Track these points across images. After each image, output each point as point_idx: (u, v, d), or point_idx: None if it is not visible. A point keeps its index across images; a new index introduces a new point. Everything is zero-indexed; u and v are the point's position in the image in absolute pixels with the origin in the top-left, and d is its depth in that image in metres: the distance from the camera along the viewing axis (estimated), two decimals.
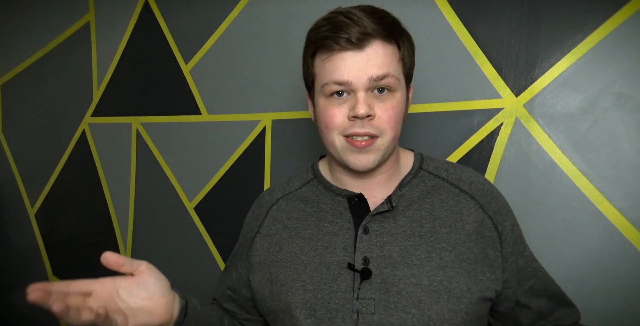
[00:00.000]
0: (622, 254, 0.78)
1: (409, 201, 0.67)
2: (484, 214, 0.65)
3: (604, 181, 0.80)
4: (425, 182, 0.69)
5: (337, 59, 0.61)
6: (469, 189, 0.67)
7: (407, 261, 0.62)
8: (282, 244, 0.70)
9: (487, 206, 0.66)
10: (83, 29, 1.57)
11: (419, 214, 0.65)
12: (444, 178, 0.69)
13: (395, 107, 0.62)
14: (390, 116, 0.62)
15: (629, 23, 0.78)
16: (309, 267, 0.66)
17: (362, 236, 0.64)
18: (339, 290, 0.62)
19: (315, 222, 0.69)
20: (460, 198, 0.67)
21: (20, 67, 1.74)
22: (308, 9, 1.11)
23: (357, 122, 0.61)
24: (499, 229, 0.65)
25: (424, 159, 0.72)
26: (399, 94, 0.63)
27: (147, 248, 1.43)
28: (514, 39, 0.87)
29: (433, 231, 0.64)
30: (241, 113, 1.23)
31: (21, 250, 1.76)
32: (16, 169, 1.76)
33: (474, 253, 0.63)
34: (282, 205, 0.74)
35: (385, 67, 0.60)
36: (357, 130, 0.61)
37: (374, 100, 0.62)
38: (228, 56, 1.25)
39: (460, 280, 0.61)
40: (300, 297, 0.64)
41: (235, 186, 1.24)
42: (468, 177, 0.69)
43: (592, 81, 0.81)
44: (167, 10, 1.36)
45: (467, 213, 0.65)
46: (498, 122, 0.88)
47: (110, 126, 1.50)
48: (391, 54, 0.62)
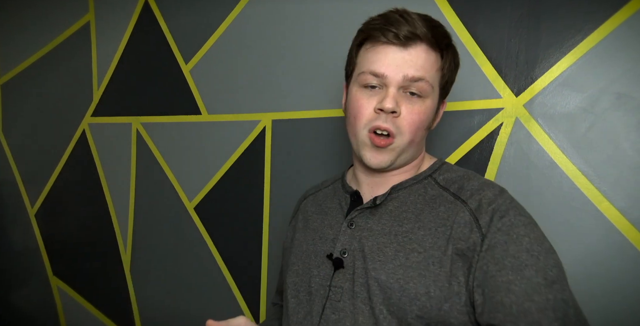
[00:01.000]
0: (622, 254, 0.78)
1: (400, 203, 0.67)
2: (471, 217, 0.61)
3: (604, 181, 0.80)
4: (426, 190, 0.68)
5: (380, 51, 0.63)
6: (466, 197, 0.64)
7: (374, 256, 0.64)
8: (296, 233, 0.79)
9: (478, 210, 0.61)
10: (83, 29, 1.57)
11: (404, 216, 0.66)
12: (447, 188, 0.67)
13: (422, 113, 0.63)
14: (414, 120, 0.63)
15: (629, 23, 0.78)
16: (304, 254, 0.73)
17: (345, 230, 0.69)
18: (318, 276, 0.68)
19: (322, 216, 0.75)
20: (453, 205, 0.64)
21: (20, 67, 1.74)
22: (308, 9, 1.11)
23: (382, 115, 0.63)
24: (482, 231, 0.59)
25: (440, 169, 0.70)
26: (429, 102, 0.64)
27: (147, 248, 1.43)
28: (514, 39, 0.87)
29: (410, 232, 0.64)
30: (241, 113, 1.23)
31: (21, 250, 1.76)
32: (16, 169, 1.76)
33: (452, 259, 0.59)
34: (309, 200, 0.82)
35: (423, 71, 0.62)
36: (380, 123, 0.63)
37: (402, 99, 0.63)
38: (228, 56, 1.25)
39: (420, 282, 0.59)
40: (292, 279, 0.72)
41: (235, 186, 1.24)
42: (472, 186, 0.65)
43: (592, 81, 0.81)
44: (167, 10, 1.36)
45: (455, 220, 0.62)
46: (498, 122, 0.88)
47: (110, 126, 1.50)
48: (432, 61, 0.63)
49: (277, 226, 1.17)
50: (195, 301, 1.33)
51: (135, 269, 1.46)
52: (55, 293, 1.67)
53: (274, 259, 1.18)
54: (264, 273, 1.19)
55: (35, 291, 1.72)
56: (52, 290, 1.68)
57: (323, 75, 1.09)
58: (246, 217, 1.22)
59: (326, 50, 1.08)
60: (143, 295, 1.44)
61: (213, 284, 1.28)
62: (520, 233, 0.58)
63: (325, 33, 1.09)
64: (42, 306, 1.70)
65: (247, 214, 1.21)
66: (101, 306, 1.55)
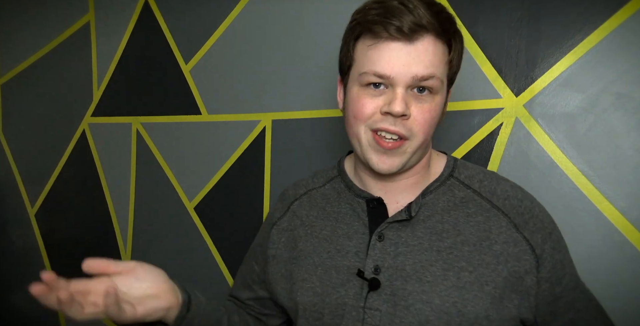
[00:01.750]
0: (622, 254, 0.78)
1: (432, 212, 0.61)
2: (518, 234, 0.58)
3: (604, 181, 0.80)
4: (453, 192, 0.63)
5: (383, 49, 0.55)
6: (502, 205, 0.60)
7: (419, 276, 0.57)
8: (297, 242, 0.68)
9: (523, 226, 0.59)
10: (83, 29, 1.57)
11: (441, 227, 0.60)
12: (476, 190, 0.62)
13: (433, 111, 0.58)
14: (426, 119, 0.57)
15: (629, 23, 0.78)
16: (319, 269, 0.64)
17: (375, 243, 0.61)
18: (346, 296, 0.60)
19: (332, 223, 0.66)
20: (490, 214, 0.60)
21: (20, 67, 1.74)
22: (308, 8, 1.11)
23: (389, 118, 0.56)
24: (536, 252, 0.58)
25: (457, 166, 0.65)
26: (439, 98, 0.58)
27: (147, 248, 1.43)
28: (514, 39, 0.87)
29: (453, 247, 0.58)
30: (241, 113, 1.23)
31: (21, 250, 1.76)
32: (16, 169, 1.76)
33: (502, 277, 0.56)
34: (304, 201, 0.72)
35: (433, 68, 0.55)
36: (388, 126, 0.57)
37: (411, 99, 0.57)
38: (228, 56, 1.25)
39: (478, 304, 0.55)
40: (309, 299, 0.63)
41: (235, 186, 1.24)
42: (504, 191, 0.62)
43: (592, 81, 0.81)
44: (167, 10, 1.36)
45: (497, 232, 0.58)
46: (498, 122, 0.88)
47: (110, 126, 1.50)
48: (441, 54, 0.57)
49: None
50: None
51: None
52: None
53: None
54: None
55: None
56: None
57: (323, 75, 1.09)
58: (246, 217, 1.22)
59: (326, 50, 1.08)
60: None
61: (213, 284, 1.28)
62: (563, 245, 0.61)
63: (325, 33, 1.09)
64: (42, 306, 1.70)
65: (247, 214, 1.21)
66: None
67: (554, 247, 0.59)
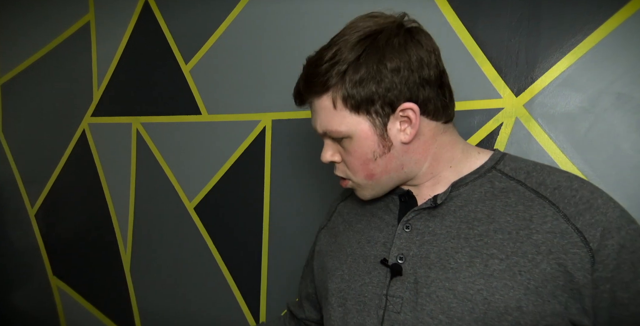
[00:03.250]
0: None
1: (465, 202, 0.60)
2: (568, 225, 0.53)
3: (604, 181, 0.80)
4: (493, 183, 0.60)
5: None
6: (550, 194, 0.55)
7: (443, 264, 0.57)
8: (337, 236, 0.74)
9: (576, 217, 0.53)
10: (83, 29, 1.57)
11: (472, 216, 0.58)
12: (520, 181, 0.59)
13: (355, 152, 0.62)
14: (351, 161, 0.64)
15: (629, 23, 0.78)
16: (349, 258, 0.68)
17: (401, 233, 0.62)
18: (370, 284, 0.62)
19: (368, 217, 0.71)
20: (534, 203, 0.56)
21: (20, 67, 1.74)
22: (308, 8, 1.11)
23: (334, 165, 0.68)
24: (591, 246, 0.51)
25: (503, 160, 0.62)
26: (356, 139, 0.61)
27: (147, 248, 1.43)
28: (514, 39, 0.87)
29: (484, 235, 0.56)
30: (241, 113, 1.23)
31: (21, 250, 1.76)
32: (16, 169, 1.76)
33: (540, 269, 0.52)
34: (348, 202, 0.79)
35: (324, 124, 0.63)
36: (335, 172, 0.69)
37: (338, 146, 0.65)
38: (228, 56, 1.25)
39: (508, 293, 0.52)
40: (336, 285, 0.67)
41: (235, 186, 1.24)
42: (555, 181, 0.57)
43: (592, 81, 0.81)
44: (167, 10, 1.36)
45: (540, 222, 0.54)
46: (498, 122, 0.88)
47: (110, 126, 1.50)
48: (327, 108, 0.62)
49: (277, 226, 1.17)
50: (195, 301, 1.33)
51: (135, 270, 1.46)
52: (55, 293, 1.67)
53: (274, 259, 1.18)
54: (263, 273, 1.19)
55: (35, 291, 1.72)
56: (52, 290, 1.68)
57: None
58: (246, 217, 1.22)
59: None
60: (143, 295, 1.44)
61: (213, 284, 1.28)
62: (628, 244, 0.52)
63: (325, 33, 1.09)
64: (42, 306, 1.70)
65: (247, 214, 1.21)
66: (101, 306, 1.55)
67: (623, 245, 0.51)
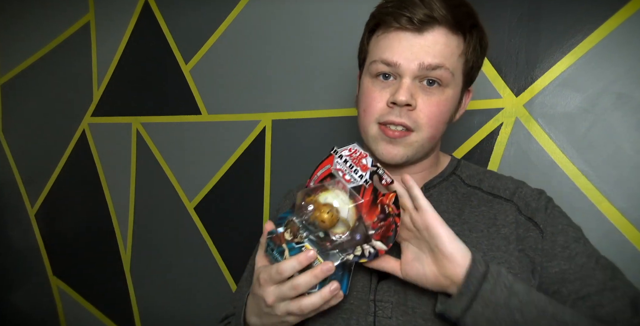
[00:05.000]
0: (622, 254, 0.78)
1: (437, 203, 0.62)
2: (522, 216, 0.59)
3: (604, 181, 0.80)
4: (455, 187, 0.64)
5: (393, 38, 0.57)
6: (504, 194, 0.62)
7: None
8: None
9: (525, 208, 0.60)
10: (83, 29, 1.57)
11: (446, 217, 0.58)
12: (476, 186, 0.64)
13: (441, 105, 0.57)
14: (433, 112, 0.57)
15: (629, 23, 0.78)
16: None
17: None
18: (354, 290, 0.59)
19: None
20: (493, 203, 0.61)
21: (20, 67, 1.74)
22: (308, 8, 1.11)
23: (395, 109, 0.57)
24: (540, 227, 0.58)
25: (460, 166, 0.68)
26: (450, 92, 0.58)
27: (147, 248, 1.43)
28: (514, 39, 0.87)
29: (461, 234, 0.56)
30: (241, 113, 1.23)
31: (21, 250, 1.76)
32: (16, 169, 1.76)
33: (515, 257, 0.56)
34: None
35: (442, 58, 0.55)
36: (394, 118, 0.57)
37: (419, 91, 0.57)
38: (228, 55, 1.25)
39: None
40: None
41: (235, 186, 1.24)
42: (504, 183, 0.63)
43: (592, 81, 0.81)
44: (167, 10, 1.36)
45: (503, 217, 0.59)
46: (498, 122, 0.88)
47: (110, 126, 1.50)
48: (454, 46, 0.56)
49: None
50: (195, 301, 1.33)
51: (135, 269, 1.46)
52: (55, 293, 1.67)
53: None
54: None
55: (35, 291, 1.72)
56: (52, 290, 1.68)
57: (323, 75, 1.09)
58: (246, 217, 1.22)
59: (326, 50, 1.08)
60: (143, 295, 1.44)
61: (213, 284, 1.28)
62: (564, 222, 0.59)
63: (325, 33, 1.09)
64: (42, 306, 1.70)
65: (247, 214, 1.21)
66: (101, 306, 1.55)
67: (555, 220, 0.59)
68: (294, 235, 0.53)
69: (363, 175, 0.54)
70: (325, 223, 0.50)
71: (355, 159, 0.56)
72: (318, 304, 0.50)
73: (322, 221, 0.50)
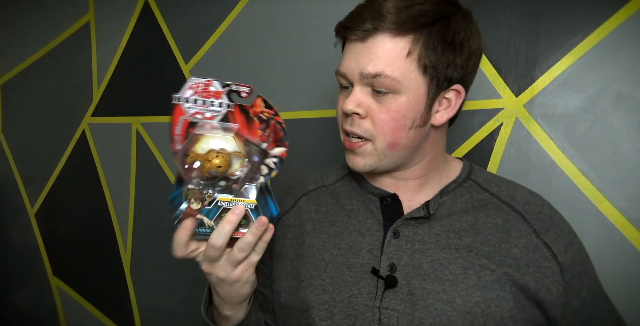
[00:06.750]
0: (622, 254, 0.78)
1: (450, 211, 0.60)
2: (538, 240, 0.57)
3: (604, 181, 0.80)
4: (471, 194, 0.62)
5: (346, 49, 0.58)
6: (522, 209, 0.59)
7: (438, 275, 0.55)
8: (304, 238, 0.65)
9: (544, 233, 0.57)
10: (83, 29, 1.57)
11: (458, 226, 0.58)
12: (494, 193, 0.61)
13: (392, 111, 0.55)
14: (384, 120, 0.55)
15: (629, 23, 0.78)
16: (330, 265, 0.61)
17: (390, 240, 0.59)
18: (359, 295, 0.57)
19: (343, 219, 0.64)
20: (510, 217, 0.59)
21: (20, 67, 1.74)
22: (308, 9, 1.11)
23: (348, 119, 0.58)
24: (559, 260, 0.56)
25: (474, 170, 0.65)
26: (403, 98, 0.55)
27: (147, 248, 1.43)
28: (514, 39, 0.87)
29: (472, 246, 0.56)
30: None
31: (21, 250, 1.76)
32: (16, 169, 1.76)
33: (526, 281, 0.55)
34: (312, 197, 0.70)
35: (383, 64, 0.53)
36: (347, 127, 0.58)
37: (371, 98, 0.56)
38: (228, 56, 1.25)
39: (502, 304, 0.53)
40: (318, 296, 0.59)
41: None
42: (523, 196, 0.61)
43: (592, 81, 0.81)
44: (167, 10, 1.36)
45: (516, 236, 0.57)
46: (498, 122, 0.88)
47: (110, 126, 1.50)
48: (399, 49, 0.53)
49: None
50: (195, 301, 1.32)
51: (135, 269, 1.46)
52: (55, 293, 1.67)
53: None
54: None
55: (35, 291, 1.72)
56: (52, 290, 1.68)
57: (323, 75, 1.09)
58: None
59: (326, 50, 1.08)
60: (143, 295, 1.44)
61: None
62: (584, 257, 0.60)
63: (325, 33, 1.09)
64: (42, 306, 1.70)
65: None
66: (101, 306, 1.55)
67: (574, 258, 0.58)
68: (201, 200, 0.50)
69: (221, 102, 0.51)
70: (222, 167, 0.48)
71: (203, 92, 0.52)
72: (253, 241, 0.51)
73: (218, 167, 0.48)
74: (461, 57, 0.56)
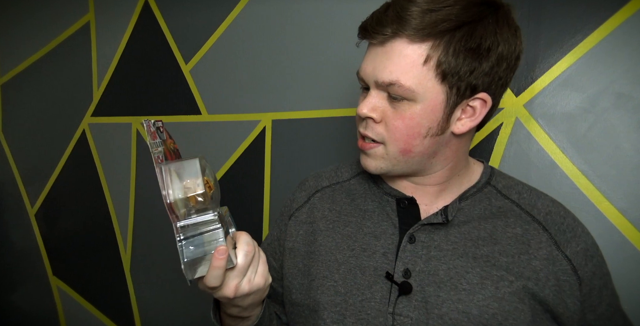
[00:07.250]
0: (622, 254, 0.78)
1: (468, 218, 0.58)
2: (559, 252, 0.55)
3: (604, 181, 0.80)
4: (490, 200, 0.60)
5: (367, 50, 0.57)
6: (543, 219, 0.57)
7: (454, 283, 0.54)
8: (317, 235, 0.64)
9: (565, 245, 0.56)
10: (83, 29, 1.57)
11: (476, 234, 0.57)
12: (514, 201, 0.60)
13: (407, 119, 0.53)
14: (397, 127, 0.54)
15: (629, 23, 0.78)
16: (342, 267, 0.60)
17: (406, 245, 0.57)
18: (372, 300, 0.56)
19: (358, 219, 0.63)
20: (530, 227, 0.57)
21: (20, 67, 1.74)
22: (308, 9, 1.11)
23: (363, 122, 0.57)
24: (579, 274, 0.54)
25: (494, 175, 0.63)
26: (418, 106, 0.53)
27: (147, 248, 1.43)
28: None
29: (491, 256, 0.55)
30: (241, 113, 1.23)
31: (21, 250, 1.76)
32: (16, 169, 1.76)
33: (545, 294, 0.53)
34: (326, 194, 0.69)
35: (397, 73, 0.52)
36: (361, 130, 0.58)
37: (387, 104, 0.55)
38: (228, 56, 1.25)
39: (519, 317, 0.52)
40: (330, 298, 0.58)
41: (235, 186, 1.24)
42: (545, 206, 0.59)
43: (592, 81, 0.81)
44: (167, 10, 1.36)
45: (536, 247, 0.55)
46: (498, 122, 0.88)
47: (110, 126, 1.50)
48: (415, 57, 0.51)
49: None
50: (195, 301, 1.33)
51: (135, 269, 1.46)
52: (55, 293, 1.67)
53: None
54: None
55: (35, 291, 1.72)
56: (52, 290, 1.68)
57: (323, 75, 1.09)
58: (246, 217, 1.22)
59: (326, 50, 1.08)
60: (143, 295, 1.44)
61: None
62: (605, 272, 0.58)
63: (325, 33, 1.09)
64: (42, 306, 1.70)
65: (247, 213, 1.21)
66: (101, 306, 1.55)
67: (594, 272, 0.56)
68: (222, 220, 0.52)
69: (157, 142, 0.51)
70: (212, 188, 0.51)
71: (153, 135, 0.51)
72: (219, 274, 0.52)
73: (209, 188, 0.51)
74: (487, 64, 0.52)
